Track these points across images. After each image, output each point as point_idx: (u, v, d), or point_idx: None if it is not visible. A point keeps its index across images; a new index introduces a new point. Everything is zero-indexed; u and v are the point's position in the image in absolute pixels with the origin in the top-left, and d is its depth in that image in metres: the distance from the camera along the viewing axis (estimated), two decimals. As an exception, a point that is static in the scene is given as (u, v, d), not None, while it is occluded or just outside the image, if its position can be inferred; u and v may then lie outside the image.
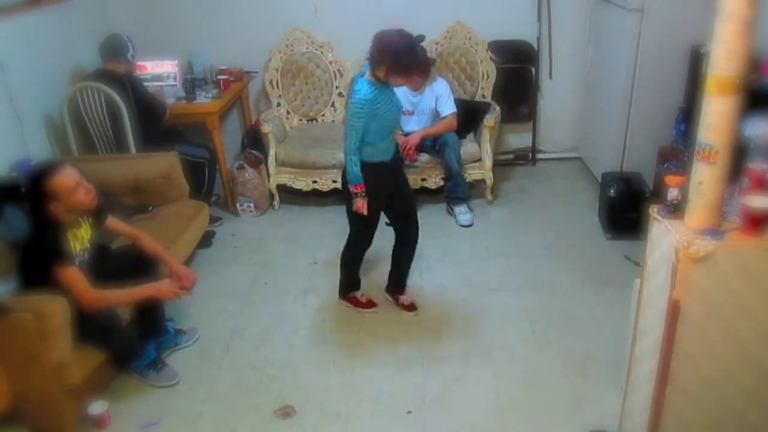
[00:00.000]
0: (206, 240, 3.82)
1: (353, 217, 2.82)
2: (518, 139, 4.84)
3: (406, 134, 3.97)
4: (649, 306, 1.92)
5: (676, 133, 3.59)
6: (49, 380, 2.35)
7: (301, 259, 3.66)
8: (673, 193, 1.79)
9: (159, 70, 4.23)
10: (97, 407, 2.49)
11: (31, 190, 2.43)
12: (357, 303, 3.17)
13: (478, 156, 4.08)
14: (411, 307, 3.13)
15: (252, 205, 4.19)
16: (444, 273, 3.46)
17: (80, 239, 2.55)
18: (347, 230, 2.97)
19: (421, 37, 2.64)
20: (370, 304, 3.17)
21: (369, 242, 3.00)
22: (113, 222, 2.73)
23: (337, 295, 3.21)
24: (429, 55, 3.92)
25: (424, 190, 4.14)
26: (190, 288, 2.70)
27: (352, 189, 2.69)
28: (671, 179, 1.81)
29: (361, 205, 2.70)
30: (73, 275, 2.37)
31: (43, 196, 2.37)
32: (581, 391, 2.58)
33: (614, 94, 3.92)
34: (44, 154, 3.50)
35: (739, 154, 1.72)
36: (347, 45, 4.36)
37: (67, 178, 2.40)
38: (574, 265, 3.47)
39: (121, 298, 2.52)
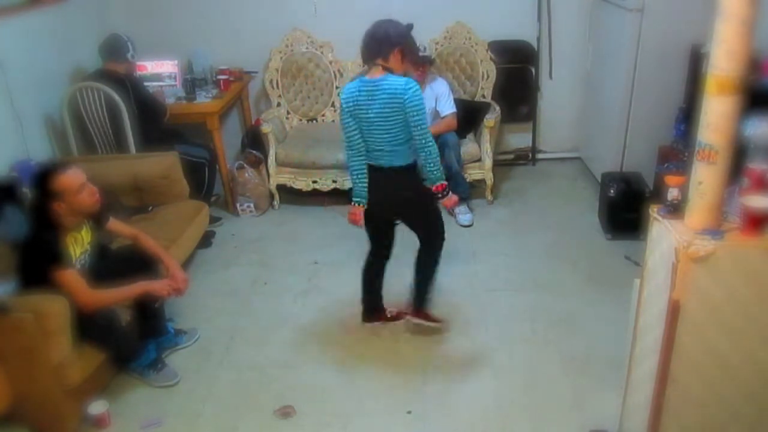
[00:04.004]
0: (206, 240, 3.82)
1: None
2: (518, 139, 4.84)
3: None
4: (649, 306, 1.92)
5: (676, 133, 3.59)
6: (49, 380, 2.35)
7: (301, 259, 3.66)
8: (673, 193, 1.79)
9: (159, 70, 4.23)
10: (97, 407, 2.49)
11: (36, 187, 2.44)
12: (427, 317, 2.94)
13: (478, 156, 4.08)
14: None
15: (252, 205, 4.19)
16: (444, 273, 3.44)
17: (80, 242, 2.55)
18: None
19: (410, 26, 2.64)
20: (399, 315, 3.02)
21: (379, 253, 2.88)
22: (114, 223, 2.73)
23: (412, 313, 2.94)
24: (429, 54, 3.94)
25: (424, 190, 4.14)
26: (181, 291, 2.70)
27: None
28: (671, 179, 1.81)
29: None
30: (71, 278, 2.37)
31: (48, 194, 2.38)
32: (581, 391, 2.58)
33: (614, 94, 3.91)
34: (44, 154, 3.50)
35: (739, 154, 1.72)
36: (347, 45, 4.35)
37: (73, 178, 2.41)
38: (574, 265, 3.47)
39: (116, 296, 2.51)
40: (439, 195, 2.67)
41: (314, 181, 4.15)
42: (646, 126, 3.82)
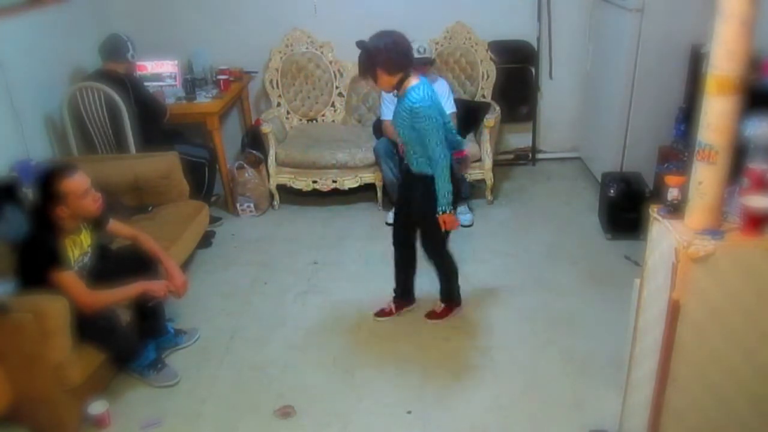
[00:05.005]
0: (206, 240, 3.82)
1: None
2: (518, 139, 4.84)
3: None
4: (649, 306, 1.92)
5: (676, 133, 3.60)
6: (49, 380, 2.35)
7: (301, 259, 3.66)
8: (673, 193, 1.79)
9: (159, 70, 4.23)
10: (97, 407, 2.48)
11: (39, 188, 2.43)
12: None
13: (478, 156, 4.08)
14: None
15: (252, 205, 4.19)
16: (444, 273, 3.46)
17: (79, 244, 2.54)
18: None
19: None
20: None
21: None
22: (114, 225, 2.73)
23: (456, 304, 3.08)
24: (429, 55, 3.93)
25: (424, 190, 4.13)
26: (180, 293, 2.70)
27: None
28: (671, 179, 1.81)
29: None
30: (69, 280, 2.37)
31: (51, 197, 2.37)
32: (581, 391, 2.58)
33: (614, 93, 3.92)
34: (44, 154, 3.50)
35: (739, 154, 1.72)
36: (347, 45, 4.33)
37: (78, 182, 2.40)
38: (574, 265, 3.47)
39: (115, 296, 2.51)
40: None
41: (314, 181, 4.15)
42: (646, 126, 3.83)
